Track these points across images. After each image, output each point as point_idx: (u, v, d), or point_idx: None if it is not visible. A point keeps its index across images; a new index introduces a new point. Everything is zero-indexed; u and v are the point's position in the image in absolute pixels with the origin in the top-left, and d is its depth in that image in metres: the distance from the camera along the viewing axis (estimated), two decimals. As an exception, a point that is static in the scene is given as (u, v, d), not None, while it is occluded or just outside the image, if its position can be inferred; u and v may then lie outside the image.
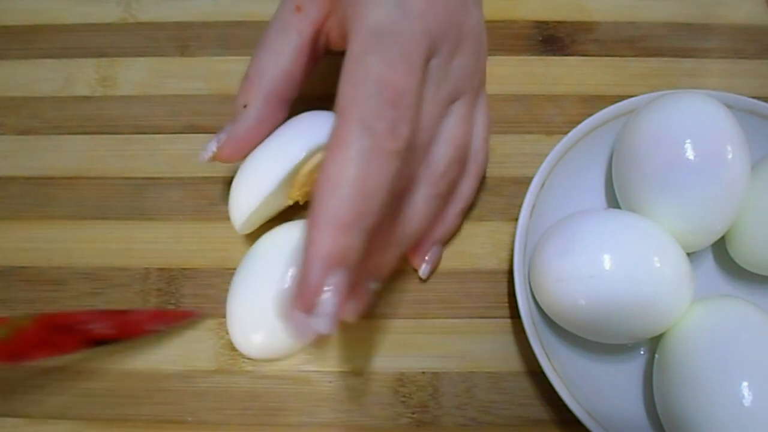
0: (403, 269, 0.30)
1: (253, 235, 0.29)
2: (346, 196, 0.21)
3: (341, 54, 0.24)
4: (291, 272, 0.26)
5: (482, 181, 0.31)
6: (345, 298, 0.21)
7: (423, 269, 0.29)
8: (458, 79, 0.26)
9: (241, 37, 0.35)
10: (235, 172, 0.28)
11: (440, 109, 0.26)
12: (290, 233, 0.29)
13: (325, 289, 0.21)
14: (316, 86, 0.29)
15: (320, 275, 0.21)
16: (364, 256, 0.22)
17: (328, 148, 0.22)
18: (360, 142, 0.21)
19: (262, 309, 0.27)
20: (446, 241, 0.30)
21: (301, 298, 0.21)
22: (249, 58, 0.34)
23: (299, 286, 0.21)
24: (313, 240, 0.21)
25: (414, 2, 0.24)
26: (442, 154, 0.27)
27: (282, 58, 0.27)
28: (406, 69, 0.23)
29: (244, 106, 0.27)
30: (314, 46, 0.28)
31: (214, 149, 0.27)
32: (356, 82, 0.22)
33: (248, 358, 0.28)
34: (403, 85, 0.23)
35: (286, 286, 0.25)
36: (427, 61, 0.24)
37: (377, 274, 0.27)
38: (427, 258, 0.29)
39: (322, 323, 0.21)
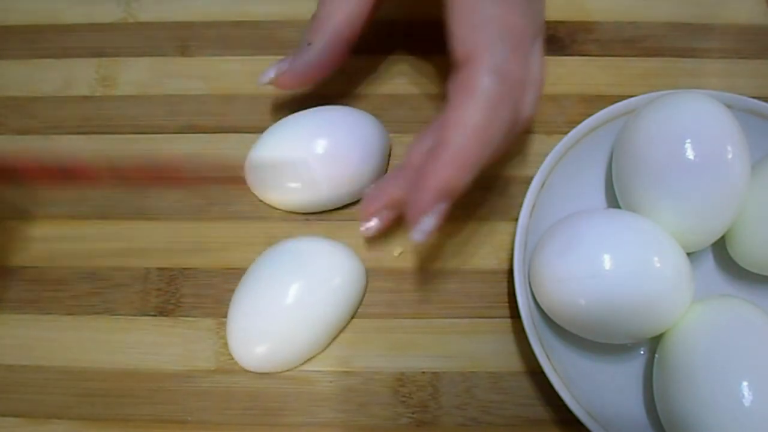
0: (402, 269, 0.30)
1: (253, 236, 0.29)
2: (471, 140, 0.23)
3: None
4: (296, 287, 0.27)
5: (483, 181, 0.31)
6: (442, 219, 0.25)
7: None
8: (539, 20, 0.27)
9: (241, 37, 0.35)
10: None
11: (531, 50, 0.26)
12: (298, 248, 0.29)
13: (431, 212, 0.24)
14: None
15: (431, 203, 0.24)
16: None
17: (457, 90, 0.24)
18: (489, 89, 0.23)
19: (266, 323, 0.27)
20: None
21: (410, 213, 0.25)
22: (249, 57, 0.35)
23: (412, 204, 0.25)
24: (434, 173, 0.24)
25: None
26: (533, 97, 0.27)
27: (351, 2, 0.29)
28: (522, 10, 0.24)
29: (309, 44, 0.29)
30: None
31: (272, 75, 0.29)
32: (477, 25, 0.23)
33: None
34: (522, 28, 0.24)
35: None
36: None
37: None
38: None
39: (419, 235, 0.25)
